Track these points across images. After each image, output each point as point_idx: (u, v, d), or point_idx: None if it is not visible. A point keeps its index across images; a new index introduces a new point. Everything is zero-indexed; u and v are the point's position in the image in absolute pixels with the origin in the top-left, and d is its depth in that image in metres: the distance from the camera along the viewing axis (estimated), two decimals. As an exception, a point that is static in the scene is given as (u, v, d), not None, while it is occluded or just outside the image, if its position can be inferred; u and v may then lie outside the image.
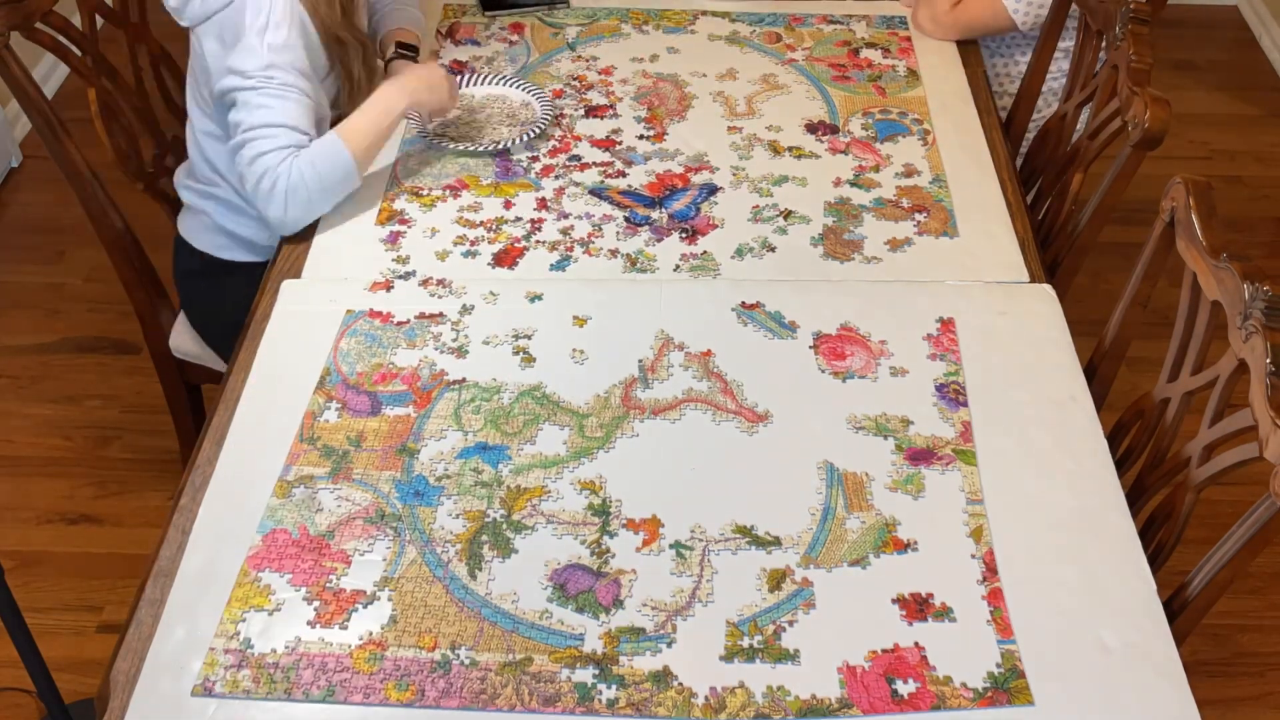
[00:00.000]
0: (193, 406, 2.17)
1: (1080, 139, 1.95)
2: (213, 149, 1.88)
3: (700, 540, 1.38)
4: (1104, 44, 1.94)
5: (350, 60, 1.87)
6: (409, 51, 2.05)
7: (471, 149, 1.92)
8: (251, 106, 1.71)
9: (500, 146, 1.92)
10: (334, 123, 1.83)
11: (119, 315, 2.65)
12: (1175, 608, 1.37)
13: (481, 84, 2.07)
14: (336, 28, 1.82)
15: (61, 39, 1.88)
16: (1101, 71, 1.91)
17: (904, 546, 1.38)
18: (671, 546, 1.38)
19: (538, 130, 1.95)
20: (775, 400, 1.55)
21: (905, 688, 1.25)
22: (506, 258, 1.76)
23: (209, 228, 1.95)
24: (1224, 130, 3.40)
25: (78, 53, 1.91)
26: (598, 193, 1.88)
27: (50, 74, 3.28)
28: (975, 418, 1.53)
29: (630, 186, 1.89)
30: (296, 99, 1.72)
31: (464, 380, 1.57)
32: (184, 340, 2.07)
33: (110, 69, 1.98)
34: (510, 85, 2.06)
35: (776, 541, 1.38)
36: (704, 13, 2.31)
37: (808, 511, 1.41)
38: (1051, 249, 1.95)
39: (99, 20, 1.95)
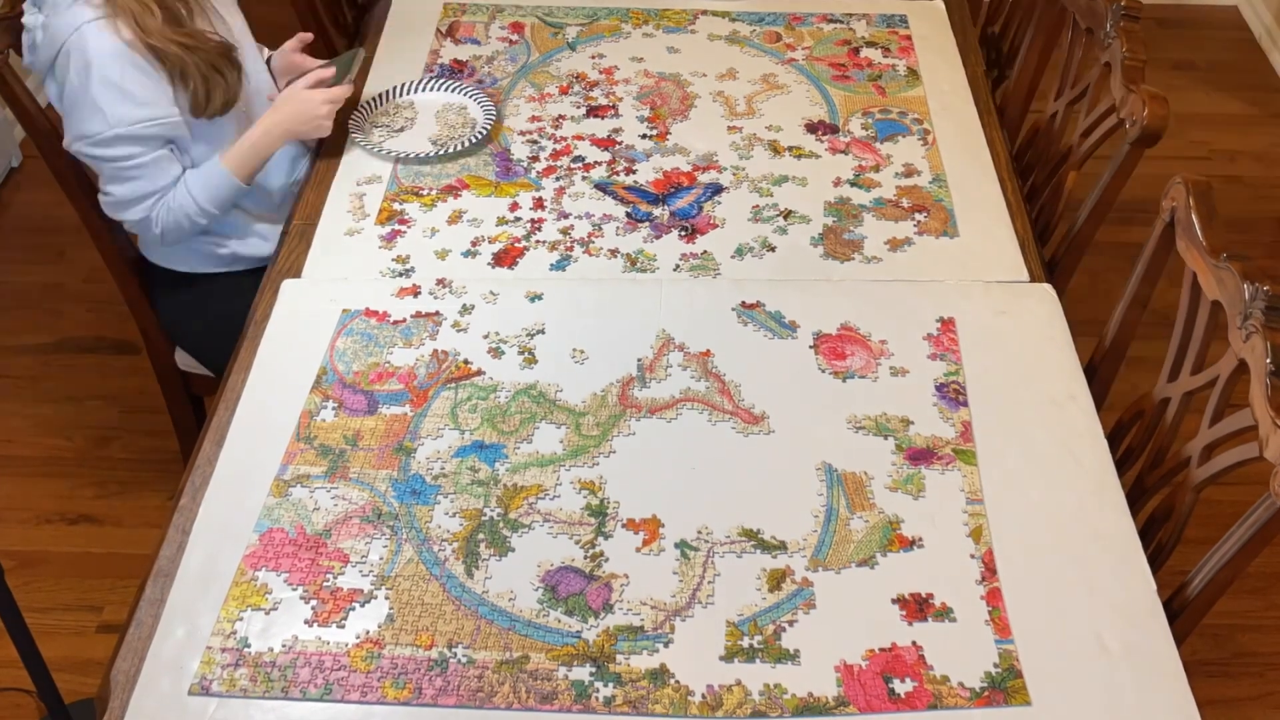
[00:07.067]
0: (197, 418, 2.16)
1: (1073, 138, 1.94)
2: None
3: (706, 542, 1.38)
4: (1094, 41, 1.93)
5: (187, 71, 1.73)
6: None
7: (408, 154, 1.91)
8: (114, 181, 1.76)
9: (442, 152, 1.91)
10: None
11: (119, 315, 2.64)
12: (1175, 608, 1.37)
13: (424, 90, 2.06)
14: (157, 38, 1.69)
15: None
16: (1093, 69, 1.91)
17: (909, 544, 1.38)
18: (676, 546, 1.38)
19: (480, 135, 1.94)
20: (775, 400, 1.55)
21: (902, 687, 1.25)
22: (506, 258, 1.76)
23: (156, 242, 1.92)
24: (1224, 130, 3.40)
25: None
26: (603, 187, 1.88)
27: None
28: (975, 418, 1.53)
29: (636, 183, 1.89)
30: (149, 167, 1.75)
31: (461, 379, 1.57)
32: (191, 357, 2.05)
33: None
34: (451, 91, 2.05)
35: (783, 546, 1.38)
36: (704, 12, 2.30)
37: (810, 514, 1.41)
38: (1047, 248, 1.95)
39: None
